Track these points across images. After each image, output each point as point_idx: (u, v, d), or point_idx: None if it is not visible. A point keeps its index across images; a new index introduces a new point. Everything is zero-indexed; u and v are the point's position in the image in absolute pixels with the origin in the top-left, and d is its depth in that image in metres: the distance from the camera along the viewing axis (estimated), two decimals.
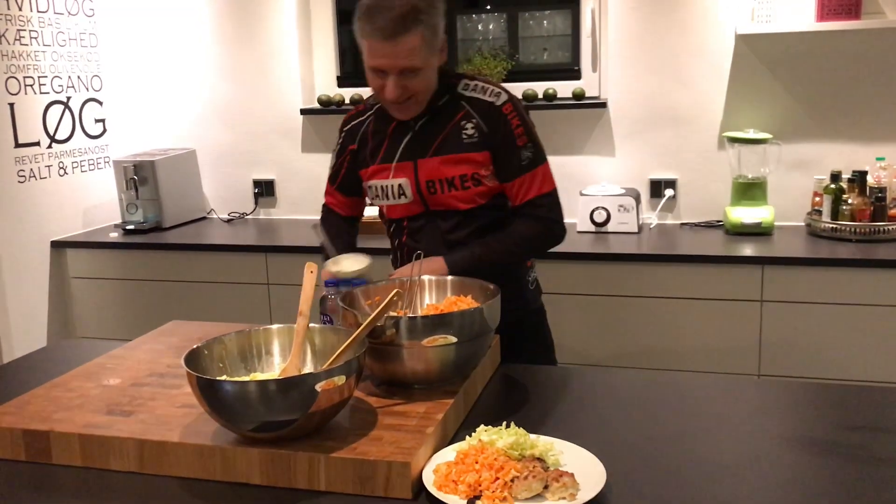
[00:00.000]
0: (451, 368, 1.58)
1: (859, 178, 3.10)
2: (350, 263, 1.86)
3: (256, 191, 3.98)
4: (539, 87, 3.56)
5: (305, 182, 3.92)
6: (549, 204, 1.99)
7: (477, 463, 1.30)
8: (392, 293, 1.50)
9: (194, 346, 1.47)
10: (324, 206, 2.25)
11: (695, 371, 2.97)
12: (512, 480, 1.26)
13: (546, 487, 1.26)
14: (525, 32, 3.83)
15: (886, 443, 1.45)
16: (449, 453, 1.37)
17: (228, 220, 3.95)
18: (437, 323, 1.54)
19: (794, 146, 3.35)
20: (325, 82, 3.95)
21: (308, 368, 1.53)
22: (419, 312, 1.75)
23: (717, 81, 3.38)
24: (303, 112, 3.83)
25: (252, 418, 1.33)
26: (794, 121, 3.34)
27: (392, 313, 1.55)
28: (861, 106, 3.27)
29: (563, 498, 1.24)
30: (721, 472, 1.35)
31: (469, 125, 1.93)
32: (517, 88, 3.58)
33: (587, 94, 3.55)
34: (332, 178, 2.17)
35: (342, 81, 3.94)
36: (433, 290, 1.79)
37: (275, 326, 1.57)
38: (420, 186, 1.97)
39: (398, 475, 1.29)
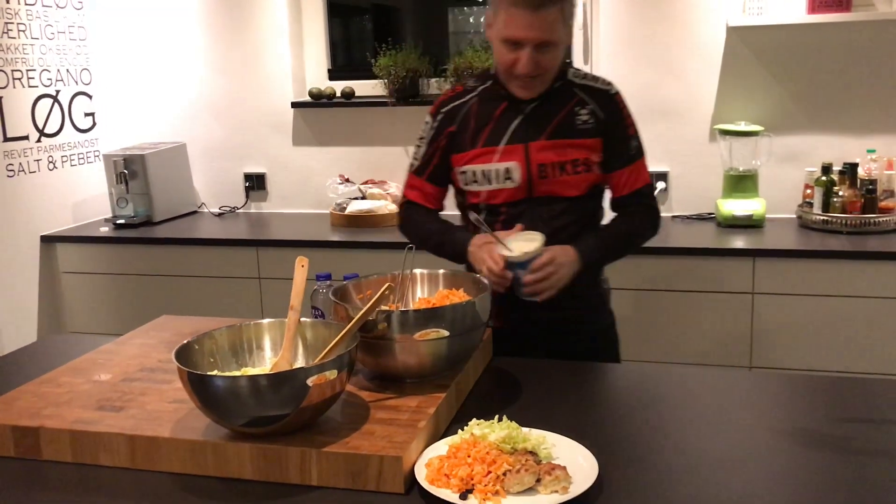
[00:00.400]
0: (443, 362, 1.58)
1: (850, 170, 3.11)
2: (523, 244, 1.80)
3: (247, 184, 3.96)
4: None
5: (297, 175, 3.91)
6: (652, 195, 2.02)
7: (469, 457, 1.30)
8: (384, 287, 1.49)
9: (185, 341, 1.46)
10: (405, 203, 2.10)
11: (687, 363, 2.98)
12: (504, 474, 1.26)
13: (538, 481, 1.26)
14: None
15: (877, 435, 1.45)
16: (441, 447, 1.37)
17: (219, 214, 3.94)
18: (429, 316, 1.53)
19: (785, 138, 3.35)
20: (316, 75, 3.93)
21: (299, 363, 1.53)
22: (411, 306, 1.75)
23: (708, 74, 3.38)
24: (294, 105, 3.81)
25: (243, 413, 1.33)
26: (786, 113, 3.34)
27: (384, 307, 1.54)
28: (852, 98, 3.27)
29: (556, 491, 1.24)
30: (713, 464, 1.35)
31: (584, 112, 1.92)
32: None
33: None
34: (421, 169, 2.04)
35: (333, 74, 3.92)
36: (425, 284, 1.78)
37: (265, 321, 1.57)
38: (531, 170, 1.92)
39: (390, 469, 1.29)
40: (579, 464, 1.31)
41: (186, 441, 1.37)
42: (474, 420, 1.41)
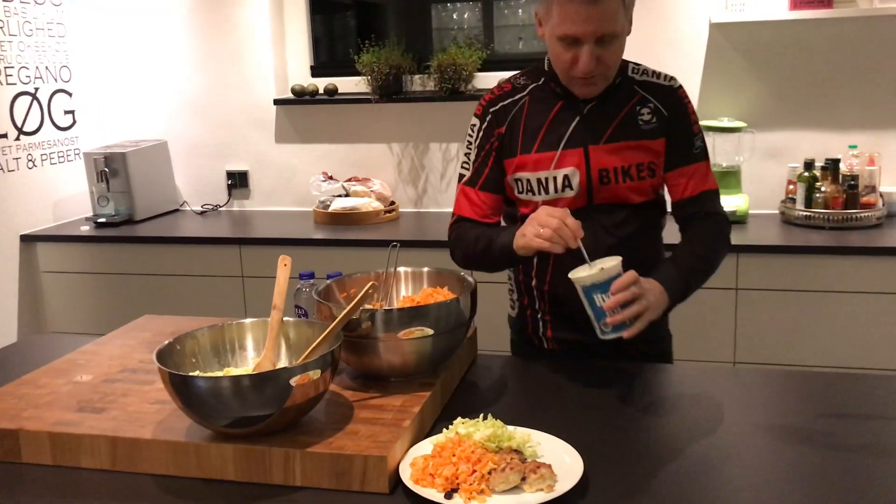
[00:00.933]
0: (427, 361, 1.57)
1: (832, 165, 3.12)
2: (599, 265, 1.53)
3: (230, 182, 3.94)
4: None
5: (279, 173, 3.88)
6: (719, 202, 1.85)
7: (454, 456, 1.29)
8: (367, 286, 1.48)
9: (166, 342, 1.44)
10: (454, 223, 1.86)
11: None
12: (489, 473, 1.25)
13: (523, 479, 1.25)
14: (500, 21, 3.81)
15: (861, 430, 1.46)
16: (426, 446, 1.36)
17: (202, 213, 3.91)
18: (413, 315, 1.52)
19: (768, 134, 3.36)
20: (299, 72, 3.91)
21: (283, 363, 1.51)
22: (395, 305, 1.74)
23: (691, 70, 3.38)
24: (276, 102, 3.79)
25: (226, 414, 1.32)
26: (769, 109, 3.35)
27: (367, 306, 1.53)
28: (834, 94, 3.29)
29: (541, 489, 1.24)
30: (698, 461, 1.35)
31: (645, 110, 1.77)
32: (492, 78, 3.57)
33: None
34: (473, 179, 1.83)
35: (316, 71, 3.90)
36: (409, 282, 1.77)
37: (248, 320, 1.55)
38: (591, 176, 1.75)
39: (374, 469, 1.28)
40: (565, 462, 1.30)
41: (168, 442, 1.35)
42: (459, 419, 1.41)
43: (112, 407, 1.50)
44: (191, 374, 1.38)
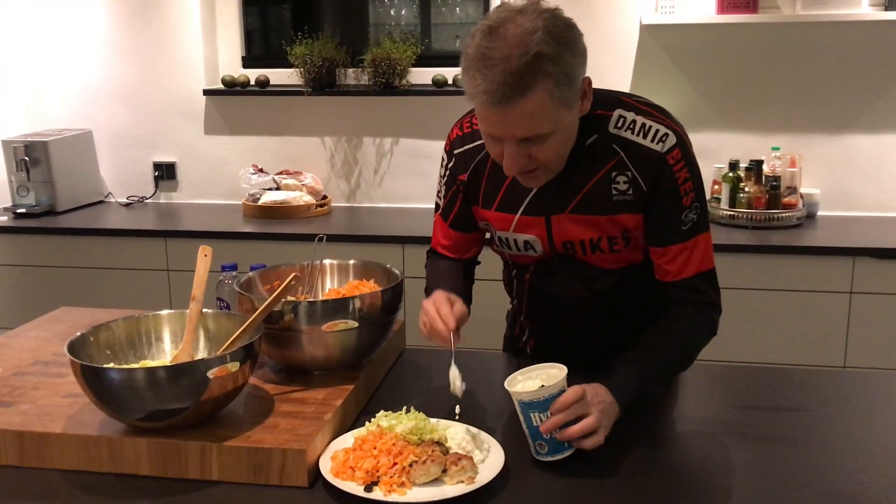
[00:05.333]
0: (351, 354, 1.56)
1: (756, 167, 3.20)
2: (540, 380, 1.36)
3: (157, 174, 3.84)
4: (449, 73, 3.54)
5: (208, 165, 3.80)
6: (711, 286, 1.55)
7: (375, 448, 1.28)
8: (289, 277, 1.46)
9: (79, 333, 1.40)
10: (429, 254, 1.78)
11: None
12: (410, 465, 1.24)
13: (444, 471, 1.25)
14: (437, 19, 3.81)
15: (775, 422, 1.49)
16: (347, 440, 1.35)
17: (127, 204, 3.80)
18: (337, 307, 1.50)
19: (695, 136, 3.35)
20: (230, 62, 3.83)
21: (201, 355, 1.48)
22: (320, 297, 1.72)
23: (622, 71, 3.43)
24: (206, 93, 3.71)
25: (140, 407, 1.28)
26: (696, 111, 3.42)
27: (290, 298, 1.51)
28: (758, 97, 3.37)
29: (461, 481, 1.24)
30: (627, 454, 1.36)
31: (622, 178, 1.48)
32: (427, 73, 3.57)
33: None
34: (445, 213, 1.70)
35: (247, 62, 3.83)
36: (335, 275, 1.75)
37: (165, 312, 1.51)
38: (554, 244, 1.57)
39: (293, 463, 1.26)
40: (486, 455, 1.30)
41: (79, 436, 1.31)
42: (382, 412, 1.40)
43: (21, 401, 1.45)
44: (103, 365, 1.34)
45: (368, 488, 1.22)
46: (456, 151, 1.63)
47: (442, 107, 3.55)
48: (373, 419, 1.38)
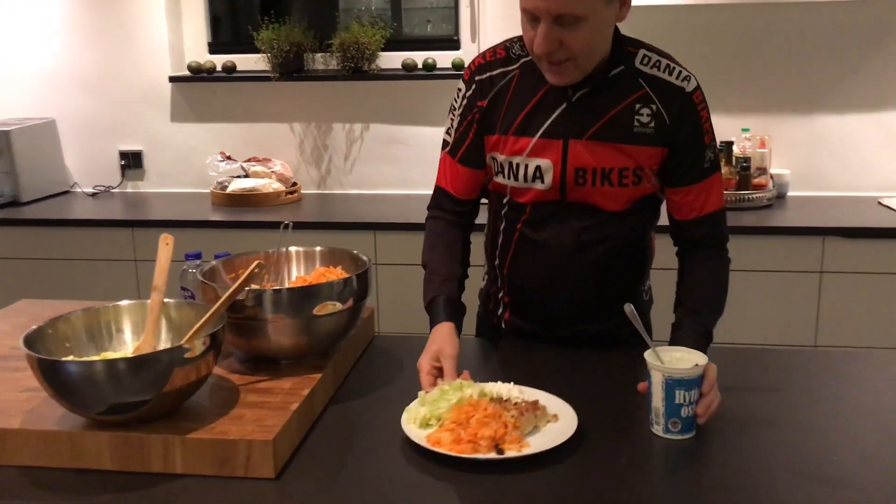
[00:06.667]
0: (319, 342, 1.53)
1: (726, 148, 3.20)
2: (693, 360, 1.37)
3: (123, 163, 3.77)
4: (419, 57, 3.50)
5: (175, 153, 3.74)
6: (726, 222, 1.66)
7: (484, 417, 1.31)
8: (253, 265, 1.43)
9: (35, 325, 1.36)
10: (434, 197, 1.76)
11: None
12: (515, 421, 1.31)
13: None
14: (408, 3, 3.77)
15: (754, 403, 1.49)
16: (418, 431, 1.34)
17: (93, 194, 3.74)
18: (303, 295, 1.48)
19: None
20: (196, 48, 3.77)
21: (164, 346, 1.44)
22: (286, 285, 1.69)
23: None
24: (172, 80, 3.65)
25: (101, 401, 1.25)
26: None
27: (255, 286, 1.48)
28: (727, 79, 3.37)
29: (549, 421, 1.36)
30: (586, 433, 1.36)
31: (645, 111, 1.54)
32: (397, 58, 3.53)
33: (466, 65, 3.51)
34: (454, 148, 1.69)
35: (214, 48, 3.77)
36: (301, 262, 1.72)
37: (125, 303, 1.47)
38: (566, 174, 1.58)
39: (259, 454, 1.23)
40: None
41: (38, 432, 1.27)
42: (436, 388, 1.42)
43: None
44: (62, 358, 1.30)
45: (500, 452, 1.27)
46: (478, 77, 1.65)
47: (412, 91, 3.52)
48: (420, 398, 1.41)
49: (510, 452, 1.26)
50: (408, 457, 1.30)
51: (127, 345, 1.45)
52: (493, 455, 1.26)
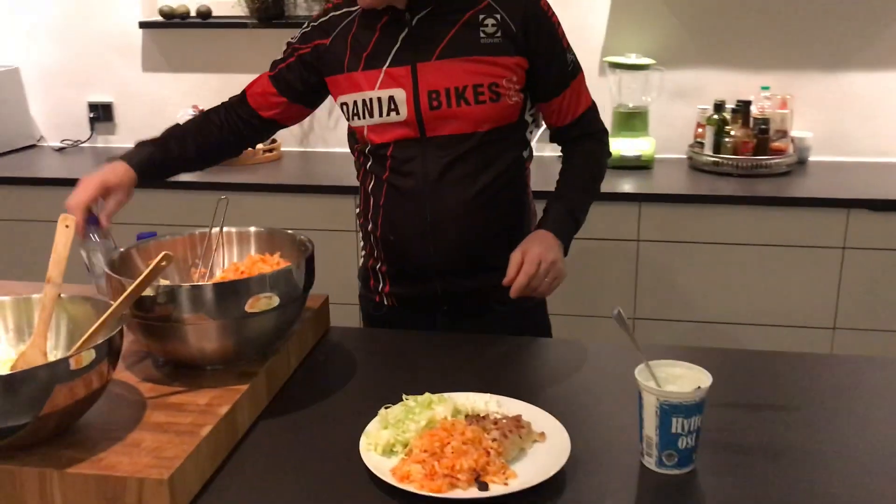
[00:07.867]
0: (250, 344, 1.30)
1: (743, 108, 2.93)
2: (694, 381, 1.13)
3: (92, 115, 3.52)
4: None
5: (148, 105, 3.48)
6: (598, 116, 1.72)
7: (460, 444, 1.09)
8: (159, 256, 1.18)
9: None
10: (240, 94, 1.75)
11: (564, 315, 2.78)
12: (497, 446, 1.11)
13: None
14: None
15: (758, 426, 1.25)
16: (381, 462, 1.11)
17: (61, 149, 3.49)
18: (228, 291, 1.24)
19: (677, 73, 3.13)
20: None
21: (58, 352, 1.21)
22: (218, 273, 1.45)
23: (598, 2, 3.11)
24: (142, 25, 3.37)
25: None
26: (678, 46, 3.11)
27: (164, 281, 1.24)
28: (746, 31, 3.06)
29: (535, 440, 1.15)
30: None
31: (490, 21, 1.54)
32: None
33: None
34: (274, 64, 1.72)
35: None
36: (234, 245, 1.48)
37: (5, 299, 1.24)
38: (419, 99, 1.54)
39: (152, 495, 1.01)
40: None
41: None
42: (384, 408, 1.20)
43: None
44: None
45: (483, 487, 1.06)
46: (321, 19, 1.65)
47: None
48: (385, 410, 1.20)
49: (495, 488, 1.06)
50: (367, 494, 1.07)
51: (11, 350, 1.22)
52: (474, 493, 1.05)
